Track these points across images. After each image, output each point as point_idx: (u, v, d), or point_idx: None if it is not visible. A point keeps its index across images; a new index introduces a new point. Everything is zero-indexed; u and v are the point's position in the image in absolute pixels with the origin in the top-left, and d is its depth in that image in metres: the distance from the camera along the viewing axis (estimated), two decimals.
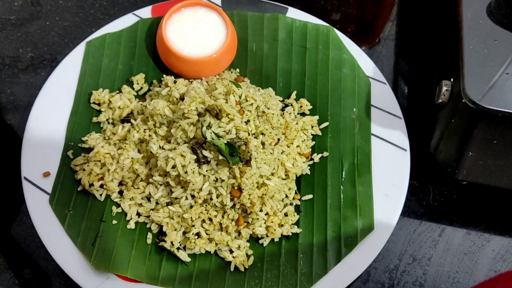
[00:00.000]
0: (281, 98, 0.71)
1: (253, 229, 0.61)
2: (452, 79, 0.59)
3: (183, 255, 0.60)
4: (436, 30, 0.78)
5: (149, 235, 0.62)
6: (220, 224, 0.62)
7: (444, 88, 0.60)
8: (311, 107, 0.70)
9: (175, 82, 0.69)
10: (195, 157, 0.59)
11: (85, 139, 0.66)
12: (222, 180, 0.60)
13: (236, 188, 0.60)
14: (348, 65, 0.73)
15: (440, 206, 0.69)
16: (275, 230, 0.61)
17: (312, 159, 0.67)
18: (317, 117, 0.69)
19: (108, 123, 0.69)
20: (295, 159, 0.65)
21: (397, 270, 0.65)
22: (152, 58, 0.73)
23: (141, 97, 0.71)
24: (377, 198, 0.64)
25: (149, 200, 0.63)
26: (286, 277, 0.59)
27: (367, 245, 0.61)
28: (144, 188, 0.63)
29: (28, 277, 0.64)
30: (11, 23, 0.81)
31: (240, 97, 0.63)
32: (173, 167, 0.59)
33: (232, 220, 0.62)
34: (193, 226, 0.61)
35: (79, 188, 0.64)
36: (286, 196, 0.64)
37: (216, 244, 0.61)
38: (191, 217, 0.60)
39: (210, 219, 0.62)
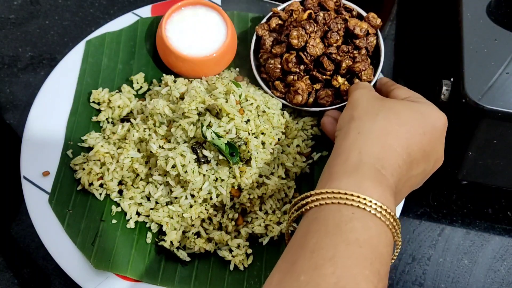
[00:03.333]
0: None
1: (253, 228, 0.61)
2: (452, 79, 0.60)
3: (183, 255, 0.60)
4: (436, 29, 0.78)
5: (149, 235, 0.62)
6: (220, 223, 0.62)
7: (444, 88, 0.60)
8: None
9: (175, 81, 0.69)
10: (195, 156, 0.59)
11: (85, 138, 0.66)
12: (222, 180, 0.60)
13: (236, 187, 0.60)
14: None
15: (440, 206, 0.69)
16: (273, 228, 0.61)
17: (312, 158, 0.67)
18: (317, 118, 0.69)
19: (108, 122, 0.69)
20: (295, 159, 0.65)
21: (397, 270, 0.65)
22: (152, 57, 0.73)
23: (141, 97, 0.71)
24: None
25: (148, 199, 0.63)
26: None
27: None
28: (144, 187, 0.63)
29: (28, 277, 0.64)
30: (11, 22, 0.81)
31: (240, 96, 0.63)
32: (173, 166, 0.59)
33: (232, 219, 0.62)
34: (193, 225, 0.61)
35: (79, 188, 0.64)
36: (286, 195, 0.64)
37: (216, 244, 0.61)
38: (191, 217, 0.60)
39: (210, 219, 0.62)
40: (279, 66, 0.66)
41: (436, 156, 0.53)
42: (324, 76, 0.65)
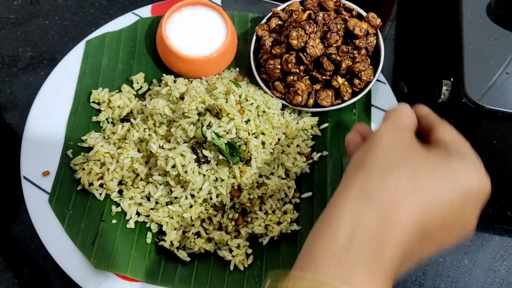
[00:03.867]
0: None
1: (253, 228, 0.61)
2: (452, 79, 0.59)
3: (183, 255, 0.60)
4: (436, 29, 0.78)
5: (149, 235, 0.62)
6: (220, 223, 0.62)
7: (444, 88, 0.60)
8: None
9: (175, 81, 0.69)
10: (195, 156, 0.59)
11: (85, 138, 0.66)
12: (222, 180, 0.60)
13: (236, 187, 0.60)
14: None
15: None
16: (273, 228, 0.61)
17: (311, 158, 0.67)
18: (317, 118, 0.69)
19: (108, 122, 0.69)
20: (295, 159, 0.65)
21: None
22: (152, 57, 0.73)
23: (141, 97, 0.71)
24: None
25: (148, 199, 0.63)
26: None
27: None
28: (144, 187, 0.63)
29: (28, 277, 0.64)
30: (11, 22, 0.81)
31: (240, 96, 0.63)
32: (173, 166, 0.59)
33: (232, 219, 0.62)
34: (193, 225, 0.61)
35: (79, 188, 0.64)
36: (286, 195, 0.64)
37: (216, 244, 0.61)
38: (191, 217, 0.60)
39: (210, 219, 0.62)
40: (279, 66, 0.66)
41: (462, 230, 0.42)
42: (324, 77, 0.65)
